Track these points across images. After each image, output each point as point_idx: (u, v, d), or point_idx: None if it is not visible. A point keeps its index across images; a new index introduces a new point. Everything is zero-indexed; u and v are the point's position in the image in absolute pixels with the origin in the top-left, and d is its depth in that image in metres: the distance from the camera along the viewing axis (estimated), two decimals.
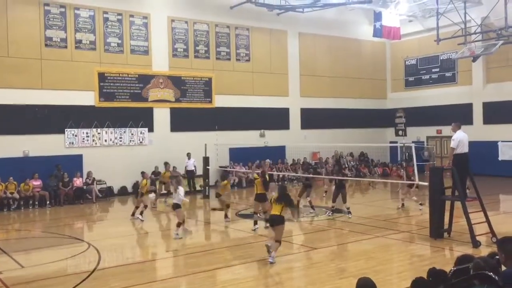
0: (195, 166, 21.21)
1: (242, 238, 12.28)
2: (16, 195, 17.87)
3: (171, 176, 18.24)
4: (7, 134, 18.48)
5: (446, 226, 11.33)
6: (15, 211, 17.64)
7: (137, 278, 8.73)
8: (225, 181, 14.98)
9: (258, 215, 13.42)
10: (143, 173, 16.61)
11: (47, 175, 18.82)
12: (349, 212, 14.35)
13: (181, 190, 12.37)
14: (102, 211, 18.02)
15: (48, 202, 18.39)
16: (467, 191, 12.46)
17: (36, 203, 18.21)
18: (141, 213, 14.76)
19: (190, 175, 21.16)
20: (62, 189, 18.77)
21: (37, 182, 18.53)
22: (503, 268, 4.39)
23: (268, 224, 10.64)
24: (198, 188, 21.25)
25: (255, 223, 12.84)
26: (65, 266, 9.89)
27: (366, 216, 14.51)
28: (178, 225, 12.30)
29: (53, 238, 12.90)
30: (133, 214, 15.03)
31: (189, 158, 21.19)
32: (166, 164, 19.76)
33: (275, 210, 9.61)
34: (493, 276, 3.85)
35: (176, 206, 12.33)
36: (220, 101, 23.55)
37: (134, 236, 12.77)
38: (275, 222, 9.55)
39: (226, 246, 11.22)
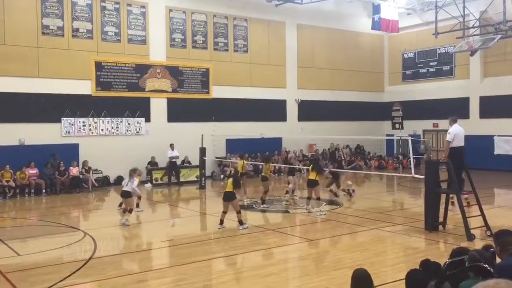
0: (177, 157, 21.09)
1: (237, 229, 12.30)
2: (12, 183, 17.85)
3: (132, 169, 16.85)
4: (3, 122, 18.43)
5: (441, 219, 11.40)
6: (11, 199, 17.63)
7: (132, 267, 8.77)
8: (269, 164, 16.02)
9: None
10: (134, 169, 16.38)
11: (43, 163, 18.79)
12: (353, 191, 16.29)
13: (136, 181, 13.28)
14: (98, 200, 18.03)
15: (44, 191, 18.39)
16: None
17: (32, 191, 18.20)
18: (138, 205, 14.62)
19: (173, 166, 21.03)
20: (58, 178, 18.76)
21: (33, 171, 18.51)
22: (498, 260, 4.43)
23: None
24: (194, 179, 21.22)
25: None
26: (61, 254, 9.90)
27: (362, 209, 14.57)
28: (124, 211, 12.89)
29: (49, 226, 12.91)
30: (137, 206, 14.61)
31: (172, 149, 21.06)
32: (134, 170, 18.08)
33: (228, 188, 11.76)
34: (488, 268, 3.89)
35: (126, 194, 12.86)
36: (218, 92, 23.52)
37: (130, 226, 12.77)
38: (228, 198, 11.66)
39: (221, 237, 11.25)
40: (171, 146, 21.04)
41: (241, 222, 11.81)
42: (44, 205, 17.01)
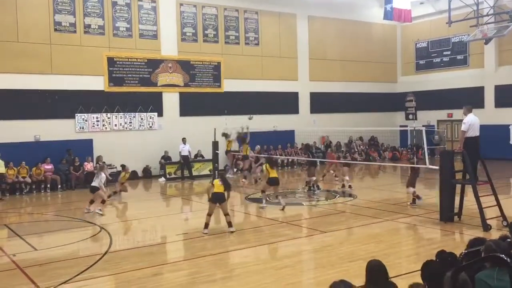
0: (189, 152, 21.17)
1: (251, 221, 12.34)
2: (28, 179, 18.08)
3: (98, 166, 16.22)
4: (19, 119, 18.63)
5: (456, 210, 11.30)
6: (27, 194, 17.87)
7: (147, 261, 8.82)
8: (244, 145, 16.78)
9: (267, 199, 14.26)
10: (123, 166, 17.06)
11: (59, 159, 18.99)
12: (318, 187, 16.42)
13: (103, 176, 13.98)
14: (113, 195, 18.13)
15: (59, 186, 18.59)
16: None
17: (48, 187, 18.41)
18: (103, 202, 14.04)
19: (185, 160, 21.10)
20: (73, 173, 18.95)
21: (48, 166, 18.71)
22: None
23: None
24: (207, 172, 21.29)
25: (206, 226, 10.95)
26: (77, 249, 10.02)
27: (376, 200, 14.51)
28: (103, 202, 13.64)
29: (65, 221, 13.06)
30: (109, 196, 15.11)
31: (184, 144, 21.12)
32: (123, 166, 17.53)
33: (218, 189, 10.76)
34: (505, 258, 3.84)
35: (93, 189, 13.66)
36: (229, 85, 23.50)
37: (145, 220, 12.88)
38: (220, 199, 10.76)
39: (235, 230, 11.27)
40: (183, 140, 21.11)
41: (230, 224, 10.85)
42: (60, 200, 17.20)
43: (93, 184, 13.81)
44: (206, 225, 10.77)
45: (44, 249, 9.93)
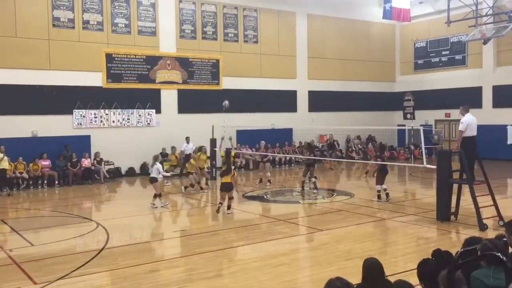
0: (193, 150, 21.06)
1: (248, 219, 12.35)
2: (25, 175, 18.06)
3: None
4: (16, 115, 18.59)
5: (453, 210, 11.33)
6: (25, 190, 17.85)
7: (144, 257, 8.83)
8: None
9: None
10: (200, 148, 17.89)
11: (56, 155, 18.97)
12: (315, 188, 15.90)
13: (159, 166, 13.97)
14: (110, 191, 18.17)
15: (56, 182, 18.57)
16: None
17: (45, 182, 18.39)
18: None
19: (187, 159, 21.00)
20: (71, 169, 18.93)
21: (45, 162, 18.69)
22: (511, 250, 4.39)
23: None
24: (205, 170, 21.24)
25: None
26: (74, 245, 10.02)
27: (373, 199, 14.51)
28: (155, 196, 13.67)
29: (62, 217, 13.05)
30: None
31: (187, 142, 21.06)
32: (172, 148, 20.01)
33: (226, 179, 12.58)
34: (501, 256, 3.85)
35: (153, 180, 13.76)
36: (228, 83, 23.48)
37: (142, 216, 12.87)
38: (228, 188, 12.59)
39: (232, 227, 11.29)
40: (187, 139, 21.03)
41: (229, 207, 12.65)
42: (57, 196, 17.19)
43: (153, 175, 13.88)
44: (218, 209, 12.46)
45: (41, 244, 9.94)
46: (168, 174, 16.16)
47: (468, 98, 22.18)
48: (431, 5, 27.20)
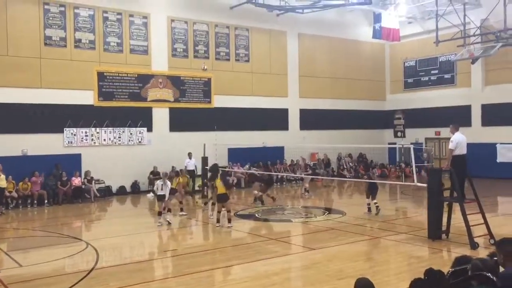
0: (195, 166, 21.20)
1: (239, 238, 12.29)
2: (15, 194, 17.86)
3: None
4: (6, 133, 18.47)
5: (444, 228, 11.35)
6: (14, 209, 17.62)
7: (135, 278, 8.72)
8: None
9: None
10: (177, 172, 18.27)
11: (46, 174, 18.81)
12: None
13: (169, 183, 14.28)
14: (101, 210, 18.00)
15: (46, 201, 18.37)
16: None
17: (35, 202, 18.20)
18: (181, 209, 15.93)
19: (190, 174, 21.09)
20: (61, 188, 18.75)
21: (38, 180, 18.47)
22: (501, 269, 4.40)
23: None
24: (196, 188, 21.23)
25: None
26: (63, 265, 9.88)
27: (364, 217, 14.52)
28: (161, 213, 13.91)
29: (51, 237, 12.89)
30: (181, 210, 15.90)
31: (190, 158, 21.18)
32: (173, 167, 20.41)
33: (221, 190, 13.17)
34: (491, 277, 3.87)
35: (161, 197, 13.95)
36: (219, 101, 23.56)
37: (132, 236, 12.75)
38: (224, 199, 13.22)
39: (223, 247, 11.22)
40: (189, 155, 21.12)
41: (230, 221, 13.16)
42: (46, 215, 16.99)
43: (161, 193, 14.01)
44: (218, 220, 13.18)
45: (30, 265, 9.80)
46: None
47: (458, 116, 22.42)
48: (420, 25, 27.63)
